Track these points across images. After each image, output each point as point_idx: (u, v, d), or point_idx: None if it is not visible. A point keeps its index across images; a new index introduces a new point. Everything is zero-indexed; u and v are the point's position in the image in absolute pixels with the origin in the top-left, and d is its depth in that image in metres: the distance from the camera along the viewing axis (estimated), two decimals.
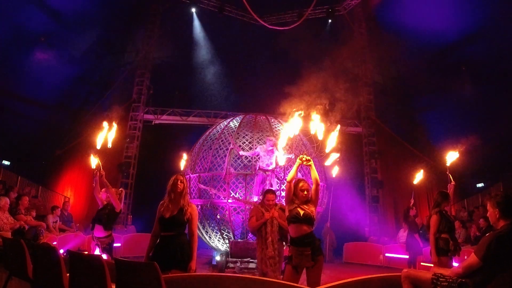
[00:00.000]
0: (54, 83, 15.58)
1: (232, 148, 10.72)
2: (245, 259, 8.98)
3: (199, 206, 10.71)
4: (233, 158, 11.03)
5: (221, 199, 10.57)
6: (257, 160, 10.53)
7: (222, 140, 11.34)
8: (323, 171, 10.94)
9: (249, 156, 11.00)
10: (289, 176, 4.79)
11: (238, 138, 11.28)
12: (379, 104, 17.36)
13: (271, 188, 8.10)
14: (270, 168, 9.84)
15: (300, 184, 4.70)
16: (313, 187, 4.74)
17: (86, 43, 16.22)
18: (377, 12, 17.78)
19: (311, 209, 4.60)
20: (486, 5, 14.06)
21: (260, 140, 11.15)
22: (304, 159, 4.61)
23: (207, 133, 12.26)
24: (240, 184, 10.88)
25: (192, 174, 11.20)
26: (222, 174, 10.57)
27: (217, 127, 12.25)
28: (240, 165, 11.33)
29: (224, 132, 11.61)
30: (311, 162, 4.65)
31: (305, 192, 4.65)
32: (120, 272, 3.22)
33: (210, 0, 17.91)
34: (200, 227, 10.84)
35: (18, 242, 4.84)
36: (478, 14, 14.22)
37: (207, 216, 10.95)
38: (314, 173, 4.73)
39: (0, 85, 14.23)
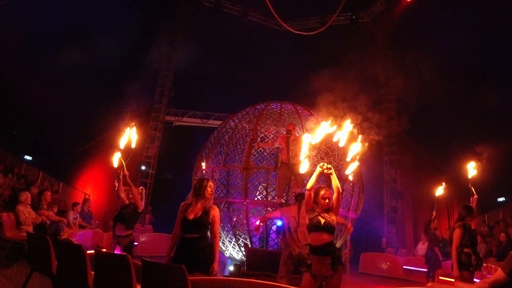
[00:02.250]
0: (77, 81, 15.87)
1: (252, 138, 9.33)
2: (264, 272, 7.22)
3: None
4: (255, 151, 9.73)
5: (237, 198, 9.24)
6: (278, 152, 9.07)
7: (241, 132, 10.01)
8: (359, 172, 9.82)
9: (269, 149, 9.63)
10: (309, 184, 4.69)
11: (260, 129, 9.85)
12: (401, 113, 17.18)
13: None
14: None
15: (322, 192, 4.64)
16: (335, 195, 4.65)
17: (111, 43, 16.46)
18: (401, 20, 17.64)
19: (332, 217, 4.52)
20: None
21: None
22: (325, 167, 4.51)
23: (224, 124, 10.92)
24: (257, 182, 9.44)
25: (205, 168, 9.88)
26: (239, 168, 9.16)
27: (235, 117, 10.72)
28: (259, 158, 10.03)
29: (242, 123, 10.24)
30: (332, 170, 4.55)
31: (327, 201, 4.58)
32: (146, 273, 3.24)
33: (234, 5, 18.03)
34: None
35: (43, 238, 4.89)
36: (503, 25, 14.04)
37: (221, 218, 9.60)
38: (335, 181, 4.62)
39: (24, 80, 14.53)
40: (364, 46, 18.72)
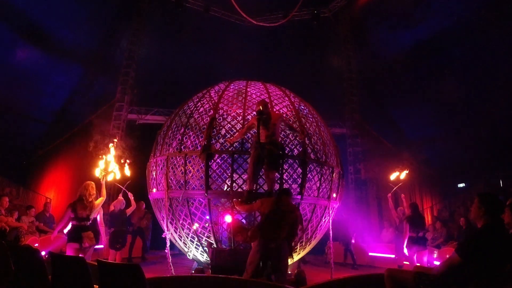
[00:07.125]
0: (36, 82, 15.34)
1: (213, 117, 7.76)
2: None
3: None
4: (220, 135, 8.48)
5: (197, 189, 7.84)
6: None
7: (200, 111, 8.49)
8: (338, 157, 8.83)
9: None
10: None
11: (223, 107, 8.50)
12: (364, 105, 17.47)
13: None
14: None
15: None
16: None
17: (69, 41, 15.96)
18: (362, 15, 17.94)
19: None
20: (467, 8, 14.32)
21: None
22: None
23: (182, 106, 9.07)
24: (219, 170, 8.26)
25: (159, 157, 8.32)
26: (198, 154, 7.49)
27: (195, 97, 8.98)
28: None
29: (204, 102, 8.65)
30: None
31: None
32: (103, 274, 3.18)
33: None
34: (171, 229, 8.03)
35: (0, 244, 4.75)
36: (460, 16, 14.49)
37: (181, 214, 7.85)
38: None
39: None
40: (327, 41, 18.99)
